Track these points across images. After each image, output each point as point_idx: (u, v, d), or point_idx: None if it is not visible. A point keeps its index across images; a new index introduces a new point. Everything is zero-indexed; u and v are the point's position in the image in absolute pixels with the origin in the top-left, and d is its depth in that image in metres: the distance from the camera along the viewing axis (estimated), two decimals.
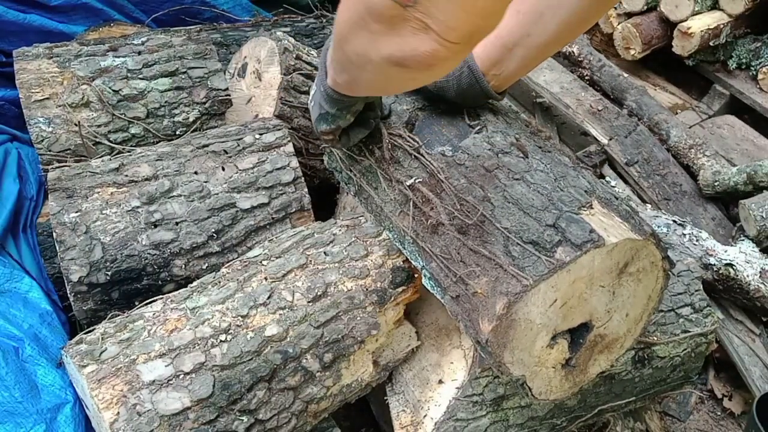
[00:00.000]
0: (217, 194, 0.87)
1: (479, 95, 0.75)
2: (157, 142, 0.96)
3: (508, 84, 0.75)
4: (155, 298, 0.78)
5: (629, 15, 1.83)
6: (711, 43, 1.70)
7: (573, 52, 1.83)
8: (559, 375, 0.72)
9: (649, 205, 1.37)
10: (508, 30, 0.67)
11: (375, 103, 0.73)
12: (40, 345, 0.81)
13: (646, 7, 1.79)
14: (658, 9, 1.77)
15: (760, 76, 1.66)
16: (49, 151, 0.90)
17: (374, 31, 0.42)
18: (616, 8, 1.87)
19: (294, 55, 1.06)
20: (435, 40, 0.40)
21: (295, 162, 0.93)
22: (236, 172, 0.89)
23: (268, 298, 0.75)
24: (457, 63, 0.44)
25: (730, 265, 1.17)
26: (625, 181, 1.49)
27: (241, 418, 0.70)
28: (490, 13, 0.40)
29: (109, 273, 0.80)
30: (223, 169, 0.90)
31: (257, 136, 0.94)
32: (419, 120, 0.80)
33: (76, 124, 0.91)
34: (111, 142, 0.94)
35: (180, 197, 0.85)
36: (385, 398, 0.86)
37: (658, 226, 1.21)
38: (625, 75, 1.75)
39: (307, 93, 1.09)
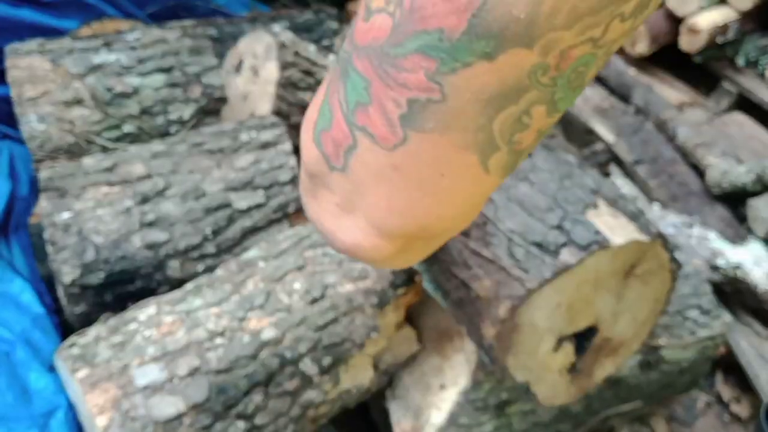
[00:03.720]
0: (213, 194, 0.85)
1: None
2: (151, 141, 0.94)
3: None
4: (149, 300, 0.76)
5: None
6: (719, 40, 1.67)
7: None
8: (564, 380, 0.71)
9: (656, 205, 1.34)
10: None
11: None
12: (32, 348, 0.79)
13: None
14: (664, 5, 1.74)
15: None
16: (42, 149, 0.88)
17: (306, 188, 0.28)
18: None
19: (292, 51, 1.04)
20: (359, 229, 0.25)
21: (293, 161, 0.91)
22: (232, 171, 0.88)
23: (265, 300, 0.73)
24: (413, 261, 0.28)
25: (739, 266, 1.14)
26: (632, 180, 1.47)
27: (237, 423, 0.68)
28: (446, 216, 0.24)
29: (102, 275, 0.78)
30: (219, 167, 0.88)
31: (254, 134, 0.92)
32: None
33: (68, 122, 0.89)
34: (104, 140, 0.92)
35: (174, 197, 0.83)
36: (386, 403, 0.84)
37: (666, 227, 1.19)
38: (632, 72, 1.73)
39: (305, 90, 1.07)
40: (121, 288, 0.80)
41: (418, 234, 0.24)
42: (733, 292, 1.18)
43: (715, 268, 1.15)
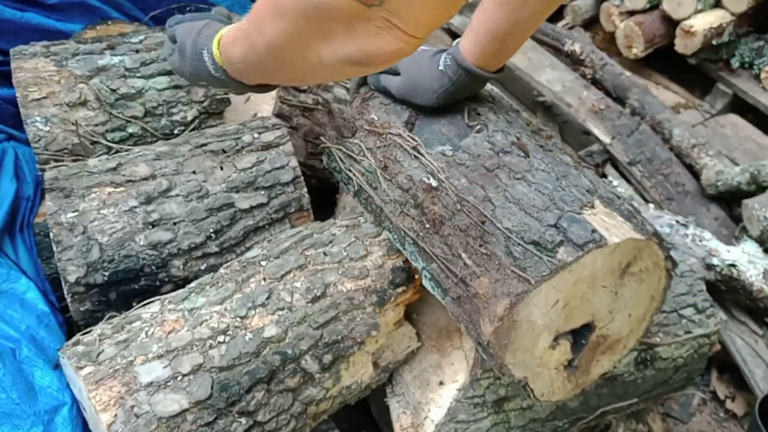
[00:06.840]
0: (216, 194, 0.86)
1: (480, 86, 0.78)
2: (155, 142, 0.96)
3: (504, 62, 0.75)
4: (153, 299, 0.77)
5: (631, 13, 1.82)
6: (714, 42, 1.69)
7: (575, 50, 1.82)
8: (561, 376, 0.72)
9: (651, 205, 1.36)
10: (497, 24, 0.66)
11: None
12: (37, 346, 0.80)
13: (648, 6, 1.78)
14: (660, 7, 1.76)
15: (762, 75, 1.65)
16: (46, 150, 0.89)
17: (330, 32, 0.40)
18: (618, 6, 1.86)
19: None
20: (399, 38, 0.39)
21: (294, 161, 0.92)
22: (235, 172, 0.89)
23: (267, 298, 0.74)
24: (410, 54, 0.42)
25: (733, 265, 1.16)
26: (628, 181, 1.49)
27: (239, 420, 0.69)
28: (458, 2, 0.39)
29: (107, 274, 0.79)
30: (222, 168, 0.89)
31: (256, 135, 0.93)
32: (419, 119, 0.79)
33: (73, 124, 0.90)
34: (108, 141, 0.93)
35: (178, 197, 0.84)
36: (385, 400, 0.85)
37: (661, 226, 1.20)
38: (628, 74, 1.75)
39: (306, 92, 1.08)
40: (126, 286, 0.81)
41: (438, 24, 0.40)
42: (727, 291, 1.19)
43: (710, 267, 1.16)
